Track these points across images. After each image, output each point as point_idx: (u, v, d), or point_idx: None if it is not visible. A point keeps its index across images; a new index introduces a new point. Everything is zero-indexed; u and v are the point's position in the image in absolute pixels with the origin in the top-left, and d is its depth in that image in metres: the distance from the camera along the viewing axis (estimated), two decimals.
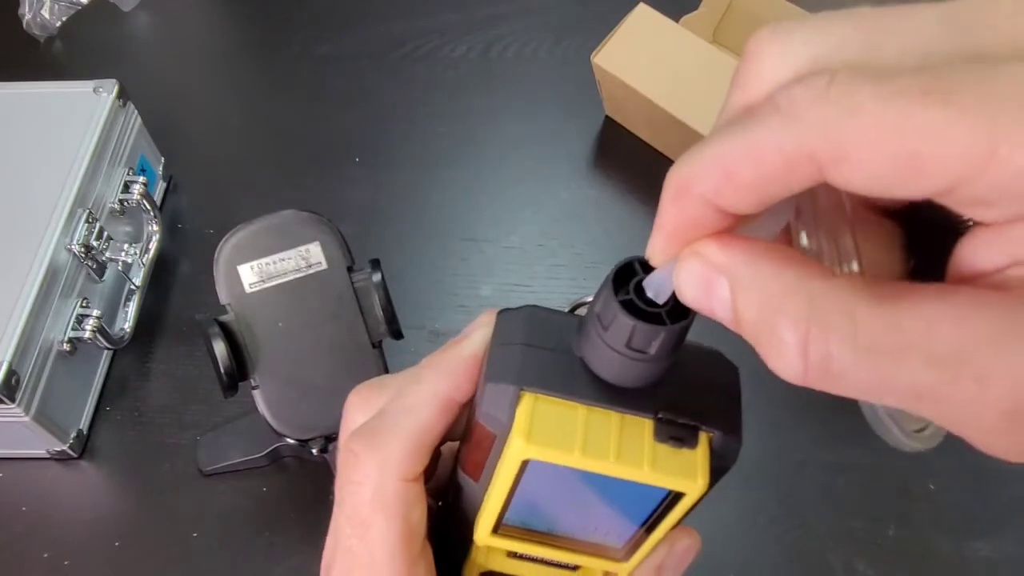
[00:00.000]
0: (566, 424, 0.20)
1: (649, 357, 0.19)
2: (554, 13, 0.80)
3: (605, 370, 0.20)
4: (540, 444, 0.20)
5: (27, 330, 0.50)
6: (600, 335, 0.20)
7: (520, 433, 0.20)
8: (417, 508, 0.23)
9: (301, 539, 0.51)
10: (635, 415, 0.20)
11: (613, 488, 0.21)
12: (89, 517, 0.53)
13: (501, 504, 0.22)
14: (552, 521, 0.23)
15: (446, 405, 0.23)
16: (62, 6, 0.80)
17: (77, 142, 0.58)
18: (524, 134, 0.71)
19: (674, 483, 0.20)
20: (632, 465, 0.20)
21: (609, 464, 0.20)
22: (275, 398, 0.44)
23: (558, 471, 0.20)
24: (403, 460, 0.23)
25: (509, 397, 0.20)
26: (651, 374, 0.20)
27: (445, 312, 0.60)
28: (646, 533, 0.22)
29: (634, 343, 0.19)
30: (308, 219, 0.44)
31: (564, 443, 0.20)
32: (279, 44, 0.79)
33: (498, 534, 0.23)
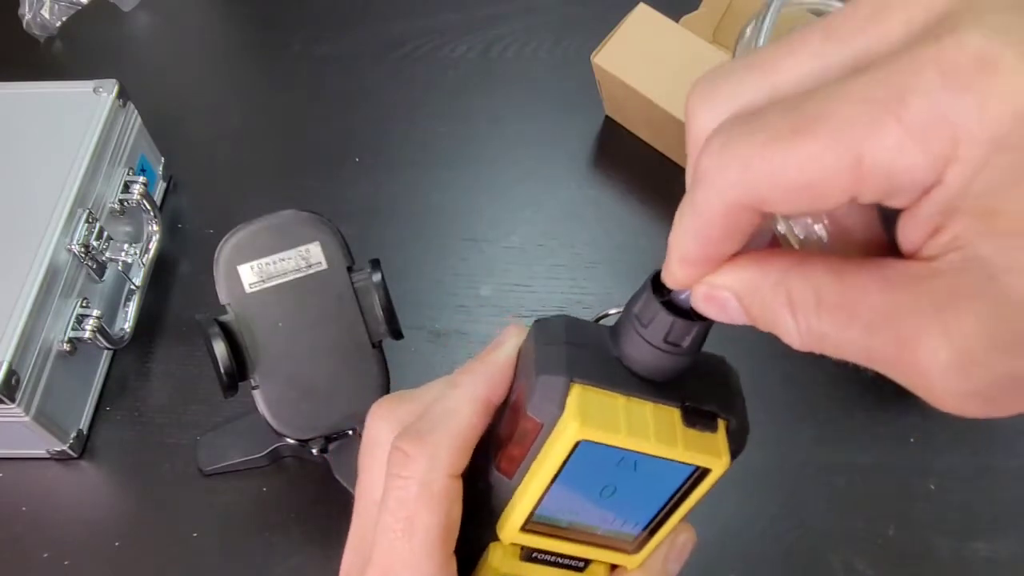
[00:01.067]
0: (610, 411, 0.23)
1: (682, 351, 0.23)
2: (554, 13, 0.80)
3: (640, 365, 0.24)
4: (592, 426, 0.22)
5: (27, 330, 0.50)
6: (639, 332, 0.23)
7: (574, 417, 0.22)
8: (457, 505, 0.25)
9: (301, 539, 0.51)
10: (666, 404, 0.24)
11: (642, 474, 0.24)
12: (89, 517, 0.53)
13: (538, 496, 0.24)
14: (576, 514, 0.25)
15: (485, 406, 0.26)
16: (62, 6, 0.80)
17: (77, 142, 0.58)
18: (524, 134, 0.71)
19: (704, 460, 0.23)
20: (669, 445, 0.23)
21: (650, 444, 0.23)
22: (275, 398, 0.44)
23: (598, 459, 0.23)
24: (450, 456, 0.25)
25: (560, 388, 0.23)
26: (679, 368, 0.24)
27: (445, 312, 0.60)
28: (662, 521, 0.25)
29: (671, 337, 0.23)
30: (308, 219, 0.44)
31: (611, 426, 0.23)
32: (279, 44, 0.79)
33: (525, 530, 0.25)
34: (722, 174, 0.18)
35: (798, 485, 0.53)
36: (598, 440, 0.23)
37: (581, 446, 0.23)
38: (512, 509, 0.25)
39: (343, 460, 0.50)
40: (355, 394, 0.44)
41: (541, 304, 0.60)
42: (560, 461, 0.23)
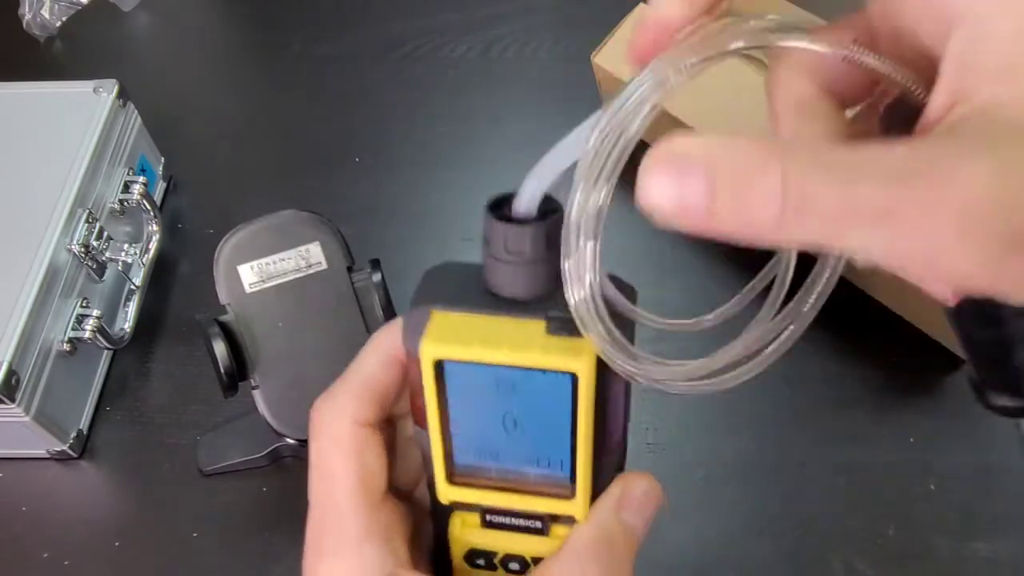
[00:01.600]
0: (469, 329, 0.23)
1: (526, 257, 0.23)
2: (554, 13, 0.80)
3: (498, 284, 0.24)
4: (444, 343, 0.23)
5: (27, 330, 0.50)
6: (489, 253, 0.24)
7: (428, 338, 0.23)
8: (371, 451, 0.26)
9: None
10: (530, 319, 0.23)
11: (528, 396, 0.24)
12: (89, 517, 0.53)
13: (441, 436, 0.25)
14: (495, 456, 0.25)
15: (388, 359, 0.26)
16: (62, 6, 0.80)
17: (77, 142, 0.58)
18: (524, 134, 0.71)
19: (561, 363, 0.23)
20: (524, 352, 0.23)
21: (504, 354, 0.23)
22: (275, 398, 0.44)
23: (476, 383, 0.23)
24: (351, 404, 0.26)
25: (423, 317, 0.24)
26: (537, 279, 0.24)
27: None
28: (576, 451, 0.24)
29: (510, 246, 0.23)
30: (308, 219, 0.44)
31: (465, 341, 0.23)
32: (279, 44, 0.79)
33: (455, 482, 0.26)
34: None
35: (798, 485, 0.52)
36: (453, 357, 0.23)
37: (447, 367, 0.23)
38: (434, 457, 0.25)
39: None
40: None
41: None
42: (434, 388, 0.24)
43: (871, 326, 0.57)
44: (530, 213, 0.23)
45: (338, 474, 0.26)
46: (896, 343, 0.56)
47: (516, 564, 0.27)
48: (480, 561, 0.27)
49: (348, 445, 0.26)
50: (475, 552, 0.27)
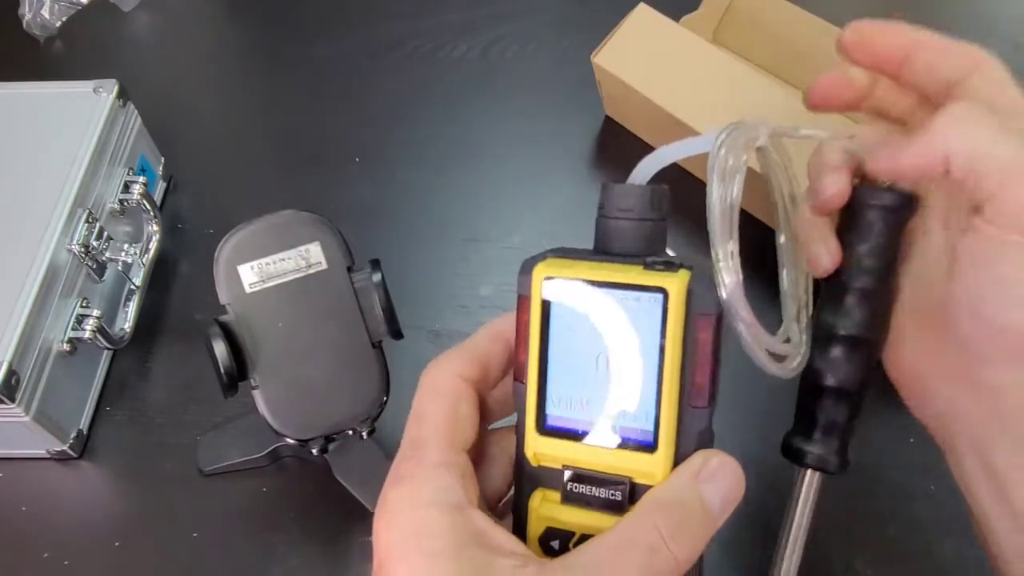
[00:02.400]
0: (575, 264, 0.27)
1: (634, 214, 0.27)
2: (554, 13, 0.80)
3: (608, 239, 0.28)
4: (555, 266, 0.27)
5: (27, 330, 0.50)
6: (600, 217, 0.28)
7: (541, 265, 0.27)
8: (466, 402, 0.29)
9: (301, 539, 0.51)
10: (631, 264, 0.26)
11: (622, 334, 0.26)
12: (89, 517, 0.53)
13: (537, 381, 0.27)
14: (585, 406, 0.27)
15: (496, 333, 0.30)
16: (62, 6, 0.80)
17: (77, 142, 0.58)
18: (524, 134, 0.71)
19: (655, 281, 0.25)
20: (623, 274, 0.26)
21: (605, 274, 0.26)
22: (275, 398, 0.44)
23: (576, 324, 0.26)
24: (456, 360, 0.29)
25: (535, 263, 0.27)
26: (643, 236, 0.27)
27: (445, 312, 0.60)
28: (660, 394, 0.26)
29: (620, 203, 0.27)
30: (308, 219, 0.44)
31: (570, 268, 0.26)
32: (279, 44, 0.79)
33: (545, 432, 0.27)
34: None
35: None
36: (560, 274, 0.26)
37: (552, 289, 0.26)
38: (528, 408, 0.27)
39: (343, 460, 0.50)
40: (355, 394, 0.44)
41: None
42: (539, 314, 0.27)
43: None
44: (640, 182, 0.28)
45: (429, 413, 0.28)
46: None
47: None
48: (555, 543, 0.27)
49: (445, 390, 0.28)
50: (552, 532, 0.27)
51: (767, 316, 0.40)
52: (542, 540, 0.27)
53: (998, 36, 0.76)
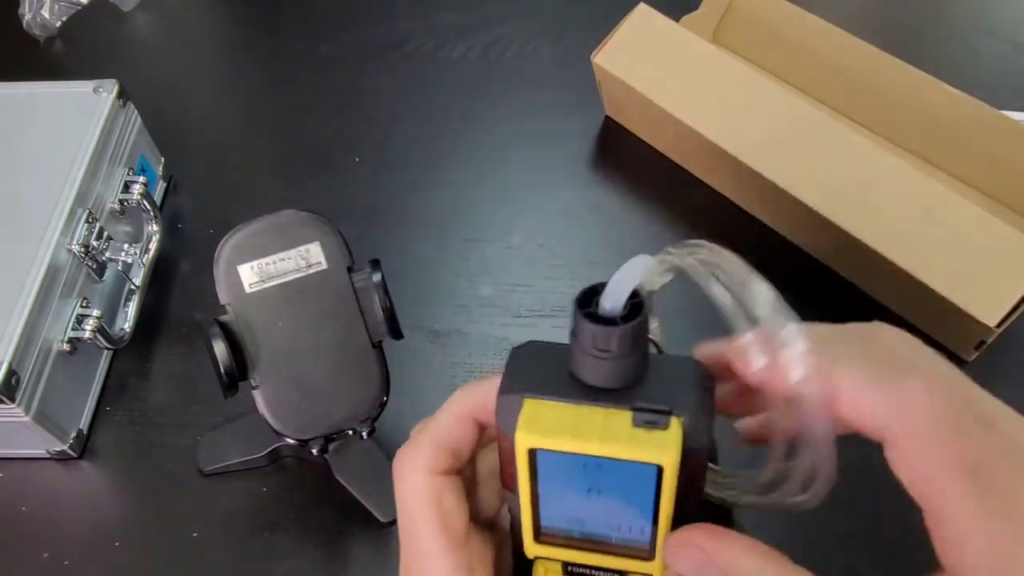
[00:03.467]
0: (560, 419, 0.25)
1: (614, 354, 0.25)
2: (554, 13, 0.80)
3: (587, 375, 0.25)
4: (537, 434, 0.25)
5: (27, 330, 0.50)
6: (576, 346, 0.25)
7: (521, 428, 0.25)
8: (448, 496, 0.28)
9: (301, 539, 0.51)
10: (617, 409, 0.25)
11: (614, 475, 0.25)
12: (89, 517, 0.53)
13: (531, 504, 0.27)
14: (581, 522, 0.27)
15: (464, 416, 0.29)
16: (62, 6, 0.80)
17: (77, 142, 0.58)
18: (524, 134, 0.71)
19: (648, 455, 0.24)
20: (613, 444, 0.24)
21: (594, 445, 0.24)
22: (275, 398, 0.44)
23: (565, 465, 0.25)
24: (428, 456, 0.28)
25: (516, 404, 0.25)
26: (624, 372, 0.25)
27: (445, 312, 0.60)
28: (657, 524, 0.26)
29: (598, 344, 0.25)
30: (308, 219, 0.44)
31: (557, 432, 0.25)
32: (279, 44, 0.79)
33: (541, 541, 0.28)
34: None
35: None
36: (546, 447, 0.25)
37: (539, 454, 0.25)
38: (523, 520, 0.27)
39: (343, 460, 0.50)
40: (355, 394, 0.44)
41: (541, 304, 0.60)
42: (527, 469, 0.26)
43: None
44: (616, 311, 0.25)
45: (419, 521, 0.28)
46: None
47: None
48: None
49: (426, 493, 0.28)
50: None
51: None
52: None
53: (998, 36, 0.76)
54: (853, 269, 0.59)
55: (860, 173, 0.55)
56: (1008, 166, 0.61)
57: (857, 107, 0.68)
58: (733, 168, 0.59)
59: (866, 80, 0.66)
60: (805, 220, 0.56)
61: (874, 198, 0.54)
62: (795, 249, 0.62)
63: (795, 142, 0.58)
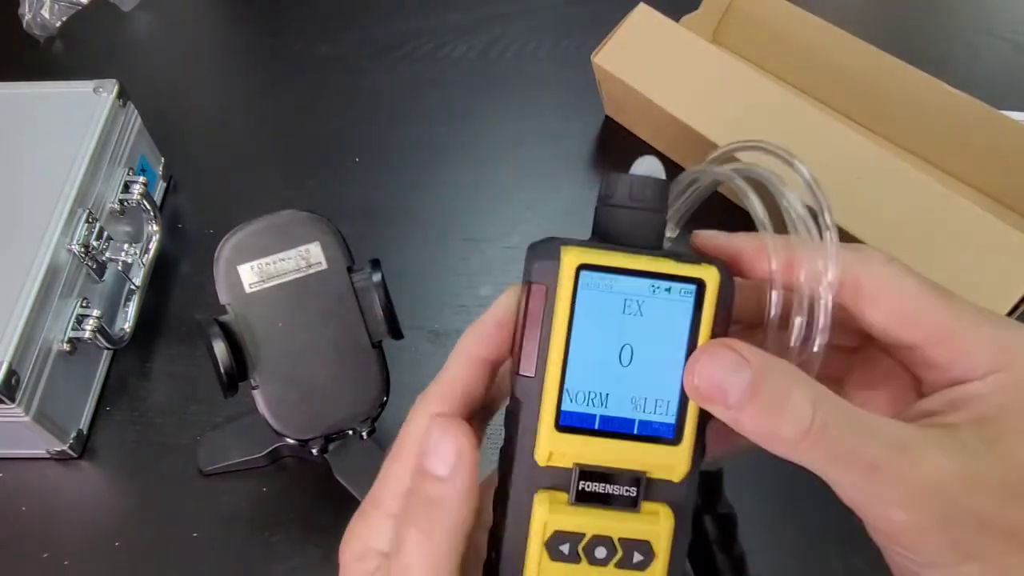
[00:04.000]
0: (604, 253, 0.25)
1: (650, 205, 0.26)
2: (554, 13, 0.80)
3: (618, 231, 0.27)
4: (584, 255, 0.25)
5: (27, 330, 0.50)
6: (608, 203, 0.27)
7: (571, 254, 0.25)
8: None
9: (301, 539, 0.51)
10: (656, 255, 0.26)
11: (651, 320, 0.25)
12: (89, 517, 0.53)
13: (560, 366, 0.25)
14: (605, 402, 0.26)
15: (472, 359, 0.28)
16: (62, 6, 0.80)
17: (77, 142, 0.58)
18: (524, 134, 0.71)
19: (696, 272, 0.25)
20: (662, 264, 0.25)
21: (644, 262, 0.25)
22: (275, 398, 0.44)
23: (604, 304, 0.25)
24: (433, 400, 0.27)
25: (554, 252, 0.25)
26: (654, 230, 0.27)
27: (445, 312, 0.60)
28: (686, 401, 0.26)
29: (635, 193, 0.26)
30: (308, 219, 0.44)
31: (606, 257, 0.25)
32: (279, 44, 0.79)
33: (561, 428, 0.26)
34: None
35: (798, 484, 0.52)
36: (594, 262, 0.25)
37: (583, 280, 0.25)
38: (545, 405, 0.25)
39: (343, 460, 0.50)
40: (355, 394, 0.44)
41: None
42: (568, 303, 0.25)
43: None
44: (652, 172, 0.27)
45: (401, 452, 0.27)
46: None
47: (603, 549, 0.26)
48: (564, 548, 0.26)
49: (416, 436, 0.27)
50: (561, 536, 0.26)
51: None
52: (549, 546, 0.26)
53: (998, 36, 0.76)
54: None
55: (860, 173, 0.55)
56: (1008, 166, 0.61)
57: (857, 107, 0.68)
58: None
59: (866, 80, 0.66)
60: None
61: (874, 198, 0.54)
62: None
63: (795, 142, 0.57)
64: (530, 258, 0.26)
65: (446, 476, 0.25)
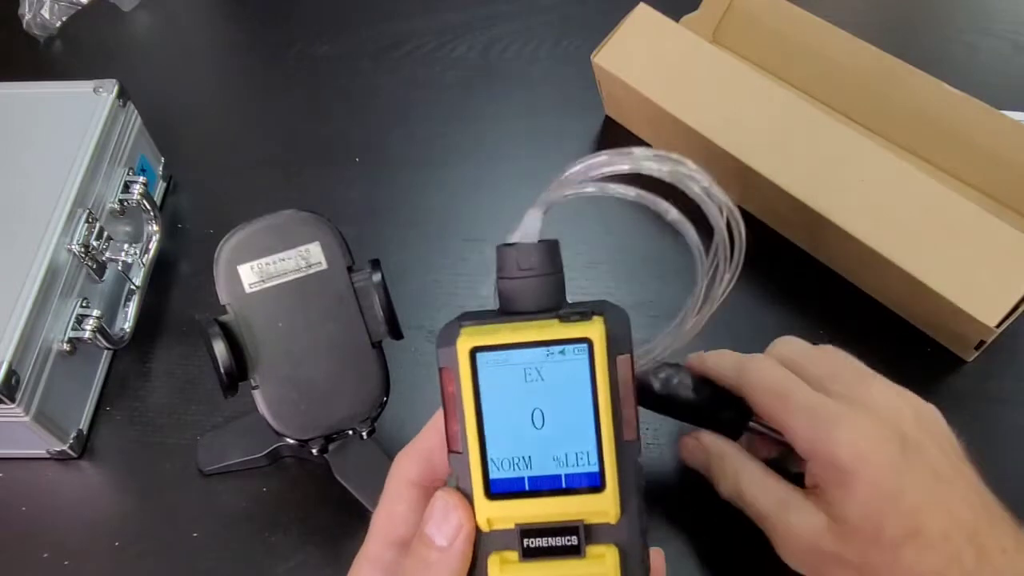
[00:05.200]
0: (494, 330, 0.28)
1: (535, 271, 0.28)
2: (554, 13, 0.80)
3: (514, 299, 0.29)
4: (478, 337, 0.27)
5: (27, 330, 0.50)
6: (500, 278, 0.29)
7: (463, 337, 0.27)
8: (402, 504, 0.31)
9: (301, 539, 0.51)
10: (545, 319, 0.28)
11: (553, 384, 0.27)
12: (89, 517, 0.53)
13: (478, 445, 0.27)
14: (530, 463, 0.28)
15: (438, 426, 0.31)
16: (62, 6, 0.80)
17: (77, 142, 0.58)
18: (524, 134, 0.71)
19: (577, 332, 0.27)
20: (545, 331, 0.27)
21: (529, 333, 0.27)
22: (275, 398, 0.44)
23: (507, 379, 0.27)
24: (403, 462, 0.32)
25: (454, 333, 0.28)
26: (547, 291, 0.29)
27: (445, 312, 0.60)
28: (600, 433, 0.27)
29: (521, 263, 0.28)
30: (308, 219, 0.44)
31: (493, 334, 0.27)
32: (279, 44, 0.79)
33: (492, 497, 0.28)
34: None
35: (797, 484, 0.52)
36: (485, 343, 0.27)
37: (480, 361, 0.27)
38: (472, 475, 0.28)
39: (343, 460, 0.50)
40: (355, 394, 0.44)
41: None
42: (470, 383, 0.27)
43: (870, 325, 0.57)
44: (531, 237, 0.29)
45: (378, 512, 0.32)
46: (895, 342, 0.57)
47: None
48: None
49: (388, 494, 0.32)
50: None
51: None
52: None
53: (997, 36, 0.76)
54: (852, 268, 0.59)
55: (860, 173, 0.55)
56: (1008, 166, 0.61)
57: (857, 107, 0.68)
58: (733, 168, 0.59)
59: (866, 80, 0.66)
60: (804, 219, 0.56)
61: (874, 198, 0.54)
62: (795, 248, 0.62)
63: (795, 142, 0.58)
64: (437, 344, 0.28)
65: (444, 546, 0.28)
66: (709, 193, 0.32)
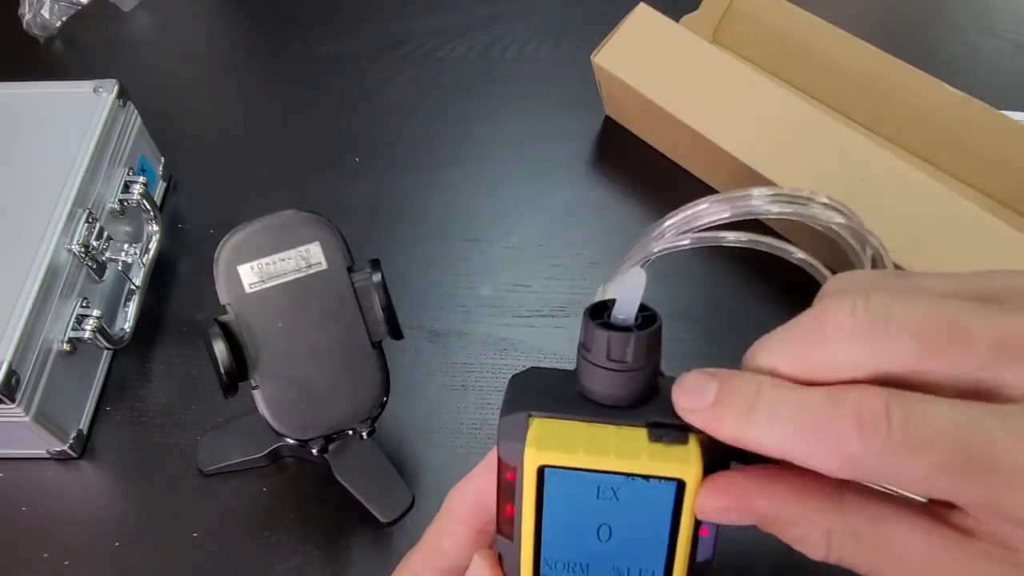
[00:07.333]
0: (570, 436, 0.23)
1: (628, 365, 0.23)
2: (554, 13, 0.80)
3: (597, 390, 0.24)
4: (548, 449, 0.23)
5: (27, 330, 0.50)
6: (586, 358, 0.24)
7: (531, 445, 0.23)
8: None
9: (301, 539, 0.51)
10: (630, 426, 0.24)
11: (628, 506, 0.24)
12: (89, 517, 0.53)
13: (532, 546, 0.25)
14: (585, 569, 0.25)
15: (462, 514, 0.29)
16: (62, 6, 0.80)
17: (77, 142, 0.58)
18: (524, 134, 0.71)
19: (670, 470, 0.23)
20: (630, 460, 0.23)
21: (610, 460, 0.23)
22: (275, 398, 0.44)
23: (576, 492, 0.24)
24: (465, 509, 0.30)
25: (521, 424, 0.24)
26: (637, 387, 0.24)
27: (445, 312, 0.60)
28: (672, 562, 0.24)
29: (613, 354, 0.23)
30: (308, 219, 0.44)
31: (569, 448, 0.23)
32: (279, 44, 0.79)
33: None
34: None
35: None
36: (557, 463, 0.23)
37: (548, 475, 0.23)
38: (523, 570, 0.25)
39: (343, 460, 0.50)
40: (355, 394, 0.44)
41: (541, 304, 0.60)
42: (534, 495, 0.24)
43: None
44: (630, 319, 0.24)
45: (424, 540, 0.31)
46: None
47: None
48: None
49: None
50: None
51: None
52: None
53: (998, 36, 0.76)
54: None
55: (860, 173, 0.55)
56: (1008, 166, 0.61)
57: (857, 107, 0.68)
58: (733, 168, 0.59)
59: (866, 80, 0.66)
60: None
61: (874, 198, 0.54)
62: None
63: (795, 142, 0.58)
64: (500, 427, 0.24)
65: None
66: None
